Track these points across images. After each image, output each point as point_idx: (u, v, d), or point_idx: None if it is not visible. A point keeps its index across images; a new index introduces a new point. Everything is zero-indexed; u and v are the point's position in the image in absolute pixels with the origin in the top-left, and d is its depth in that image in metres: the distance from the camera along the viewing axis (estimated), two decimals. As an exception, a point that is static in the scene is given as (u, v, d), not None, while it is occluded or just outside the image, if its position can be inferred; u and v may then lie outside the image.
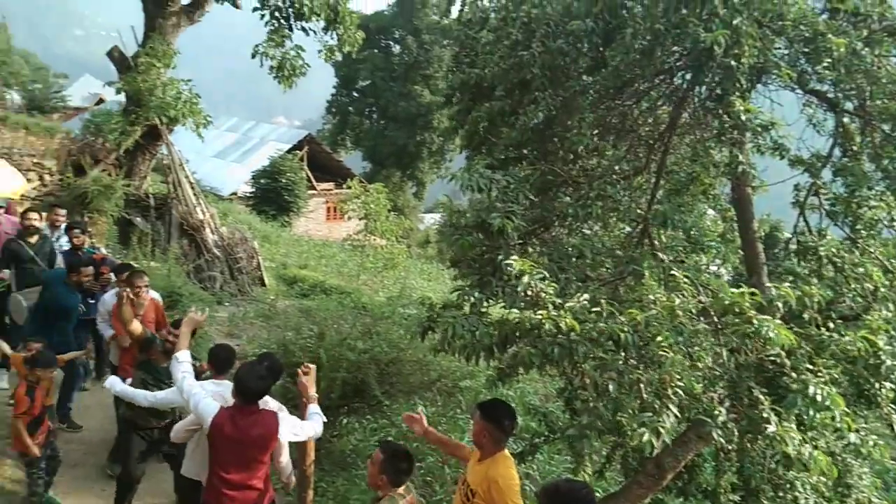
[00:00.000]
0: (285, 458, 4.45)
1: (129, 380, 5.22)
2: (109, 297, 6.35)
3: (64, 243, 7.69)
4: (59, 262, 7.11)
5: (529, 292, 3.47)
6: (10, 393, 5.91)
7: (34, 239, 7.01)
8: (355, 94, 47.42)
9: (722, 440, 3.87)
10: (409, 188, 46.03)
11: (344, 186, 28.87)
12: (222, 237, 14.55)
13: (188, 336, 4.42)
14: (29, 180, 12.52)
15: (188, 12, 14.99)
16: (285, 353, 7.12)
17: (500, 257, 3.81)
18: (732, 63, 4.05)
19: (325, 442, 6.34)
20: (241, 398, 3.90)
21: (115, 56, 14.35)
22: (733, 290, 3.95)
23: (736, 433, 3.93)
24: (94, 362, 7.73)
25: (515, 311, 3.50)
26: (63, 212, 8.25)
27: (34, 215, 7.20)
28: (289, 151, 32.19)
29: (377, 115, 47.24)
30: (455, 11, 9.98)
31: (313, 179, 33.66)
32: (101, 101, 36.54)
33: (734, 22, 4.02)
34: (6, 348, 5.82)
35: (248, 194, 30.97)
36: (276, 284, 16.38)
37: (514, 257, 3.55)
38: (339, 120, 47.83)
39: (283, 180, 29.24)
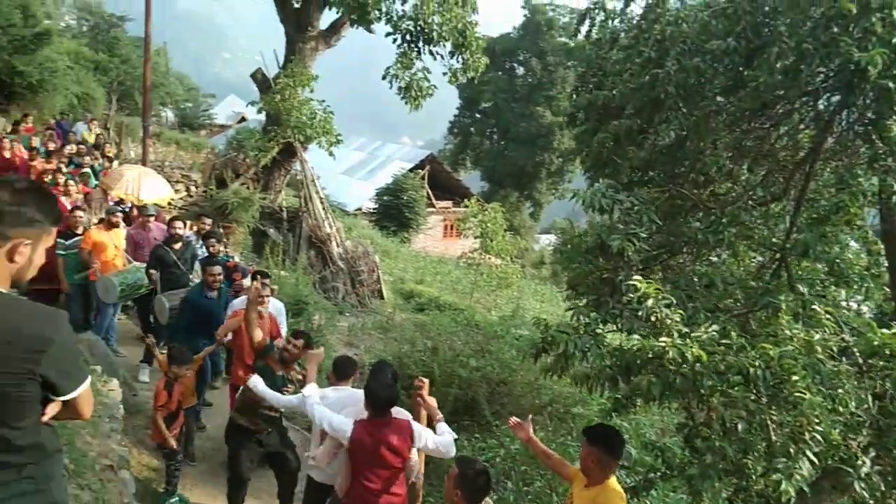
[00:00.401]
0: (414, 458, 4.53)
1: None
2: (239, 303, 6.53)
3: (203, 251, 8.30)
4: (196, 268, 7.61)
5: (653, 317, 3.33)
6: (151, 387, 6.39)
7: (178, 245, 7.55)
8: (477, 114, 48.25)
9: (865, 493, 3.51)
10: (525, 208, 45.97)
11: (462, 205, 29.34)
12: (346, 250, 15.18)
13: (314, 371, 4.63)
14: (177, 191, 13.80)
15: (325, 37, 15.94)
16: (400, 365, 7.29)
17: (619, 278, 3.69)
18: (889, 85, 3.72)
19: (432, 457, 6.40)
20: (373, 409, 4.05)
21: (258, 78, 15.52)
22: (884, 330, 3.60)
23: (882, 486, 3.56)
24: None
25: (636, 336, 3.37)
26: (209, 221, 8.87)
27: (179, 224, 7.76)
28: (411, 170, 33.22)
29: (498, 136, 47.75)
30: (584, 31, 9.85)
31: (433, 197, 34.45)
32: (243, 119, 39.54)
33: (894, 41, 3.71)
34: (155, 350, 6.22)
35: (371, 210, 32.23)
36: (394, 298, 16.85)
37: (638, 278, 3.42)
38: (461, 140, 48.79)
39: (405, 198, 30.21)
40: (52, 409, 1.87)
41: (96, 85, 24.14)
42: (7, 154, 10.72)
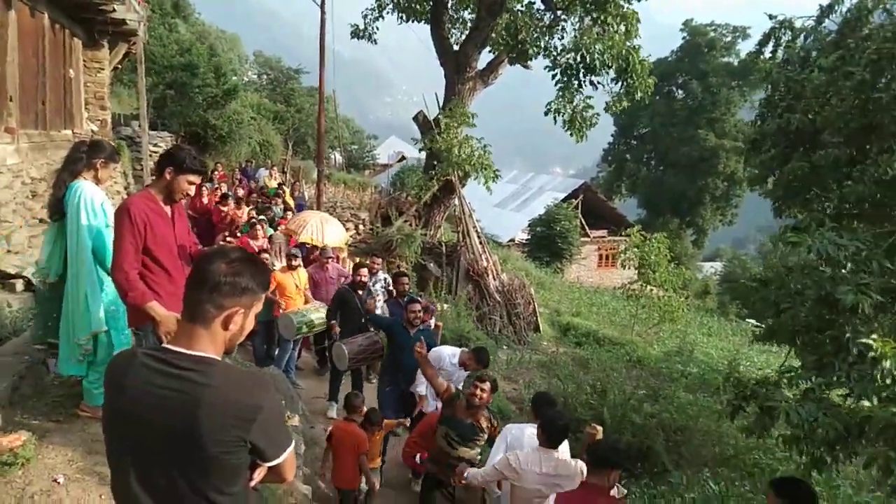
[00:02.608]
0: None
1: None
2: (448, 354, 6.39)
3: (378, 288, 8.59)
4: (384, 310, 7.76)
5: (888, 380, 2.86)
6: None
7: (361, 291, 7.73)
8: (633, 141, 46.84)
9: None
10: (687, 235, 43.52)
11: (620, 234, 28.36)
12: (503, 283, 15.18)
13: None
14: (347, 230, 14.63)
15: (483, 76, 16.30)
16: (565, 405, 7.03)
17: (846, 335, 3.22)
18: None
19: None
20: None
21: (420, 119, 16.16)
22: None
23: None
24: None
25: (866, 403, 2.91)
26: (379, 260, 9.22)
27: (365, 271, 7.97)
28: (564, 200, 32.83)
29: (655, 162, 45.97)
30: (768, 52, 9.14)
31: (587, 227, 33.73)
32: (402, 158, 41.51)
33: None
34: (390, 422, 6.04)
35: (524, 241, 32.17)
36: (550, 330, 16.53)
37: (874, 337, 2.96)
38: (616, 167, 47.55)
39: (558, 228, 29.81)
40: (259, 474, 1.92)
41: (275, 133, 26.55)
42: (205, 200, 12.00)
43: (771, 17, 5.77)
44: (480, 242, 15.60)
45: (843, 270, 3.31)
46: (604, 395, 7.04)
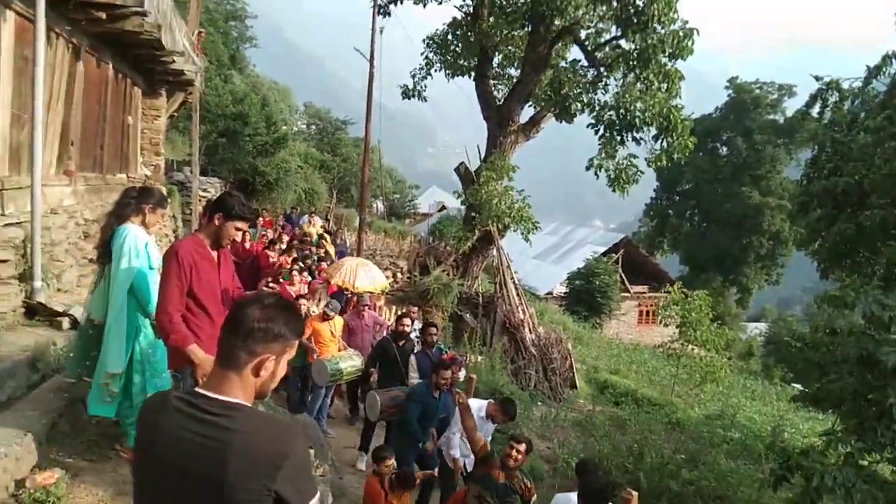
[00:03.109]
0: None
1: None
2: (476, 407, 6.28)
3: (413, 338, 8.54)
4: (412, 361, 7.71)
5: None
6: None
7: (402, 342, 7.74)
8: (676, 196, 46.46)
9: None
10: (731, 294, 42.46)
11: (661, 290, 27.83)
12: (539, 336, 15.01)
13: None
14: (386, 277, 14.77)
15: (525, 130, 16.55)
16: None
17: (890, 400, 3.09)
18: None
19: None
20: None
21: (461, 171, 16.40)
22: None
23: None
24: None
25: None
26: (415, 309, 9.25)
27: (408, 321, 8.00)
28: (604, 254, 32.53)
29: (699, 218, 45.40)
30: (815, 111, 9.13)
31: (627, 282, 33.26)
32: (443, 208, 41.96)
33: None
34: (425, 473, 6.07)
35: (562, 294, 31.85)
36: (587, 388, 16.18)
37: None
38: (658, 223, 47.08)
39: (597, 282, 29.43)
40: None
41: (320, 181, 27.23)
42: (247, 245, 12.30)
43: (817, 78, 5.75)
44: (518, 294, 15.53)
45: (890, 333, 3.18)
46: (640, 458, 6.81)
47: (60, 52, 7.16)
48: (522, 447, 4.87)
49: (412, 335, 8.48)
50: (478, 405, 6.37)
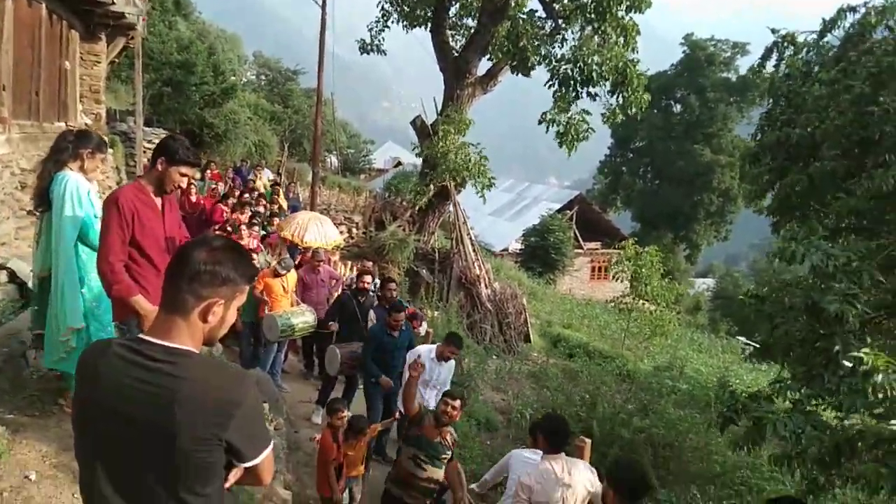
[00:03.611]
0: None
1: None
2: (425, 351, 6.45)
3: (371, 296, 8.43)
4: (371, 316, 7.69)
5: (881, 394, 2.80)
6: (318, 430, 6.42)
7: (363, 298, 7.70)
8: (630, 153, 47.00)
9: None
10: (681, 250, 43.59)
11: (614, 247, 28.33)
12: (495, 292, 15.13)
13: None
14: (340, 232, 14.54)
15: (482, 83, 16.30)
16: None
17: (836, 348, 3.17)
18: None
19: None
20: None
21: (417, 124, 16.12)
22: None
23: None
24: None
25: (857, 417, 2.85)
26: (369, 263, 9.15)
27: (368, 278, 7.92)
28: (559, 211, 32.82)
29: (651, 175, 46.12)
30: (770, 66, 9.22)
31: (580, 238, 33.74)
32: (399, 163, 41.47)
33: None
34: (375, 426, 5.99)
35: (517, 251, 32.13)
36: (541, 341, 16.46)
37: (865, 350, 2.91)
38: (612, 180, 47.70)
39: (552, 239, 29.75)
40: (235, 475, 1.81)
41: (271, 134, 26.45)
42: (193, 198, 11.88)
43: (773, 31, 5.76)
44: (474, 250, 15.56)
45: (835, 283, 3.26)
46: (593, 408, 6.96)
47: (-17, -14, 6.63)
48: (457, 403, 4.90)
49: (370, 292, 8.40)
50: (427, 349, 6.51)
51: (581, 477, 4.12)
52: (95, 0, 8.82)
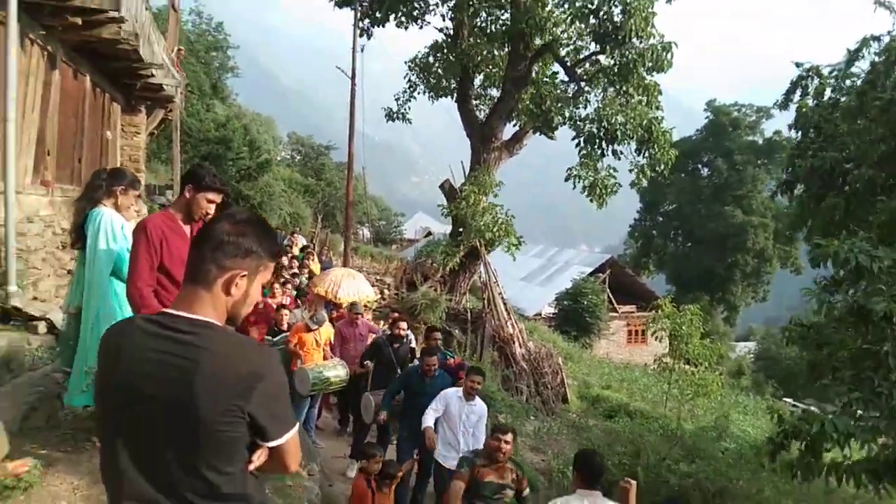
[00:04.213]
0: None
1: None
2: (452, 393, 6.32)
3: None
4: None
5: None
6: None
7: (397, 345, 7.72)
8: (660, 217, 46.87)
9: None
10: (718, 312, 42.57)
11: (648, 309, 27.78)
12: (529, 351, 14.85)
13: None
14: (374, 300, 14.59)
15: (508, 146, 16.63)
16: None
17: (885, 348, 3.01)
18: None
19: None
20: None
21: (446, 188, 16.40)
22: None
23: None
24: None
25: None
26: (404, 325, 8.86)
27: (404, 325, 7.97)
28: (591, 275, 32.52)
29: (682, 238, 45.74)
30: (795, 100, 9.30)
31: (614, 302, 33.24)
32: (429, 233, 42.00)
33: None
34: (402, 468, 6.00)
35: (550, 315, 31.71)
36: (579, 402, 15.97)
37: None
38: (642, 244, 47.42)
39: (585, 302, 29.34)
40: (259, 455, 1.74)
41: (305, 206, 27.18)
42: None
43: (798, 64, 5.80)
44: (507, 310, 15.41)
45: (880, 284, 3.12)
46: (638, 455, 6.64)
47: (35, 59, 7.08)
48: (509, 437, 4.82)
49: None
50: (454, 389, 6.35)
51: None
52: (136, 73, 9.32)
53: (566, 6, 14.65)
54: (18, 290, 5.99)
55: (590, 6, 14.12)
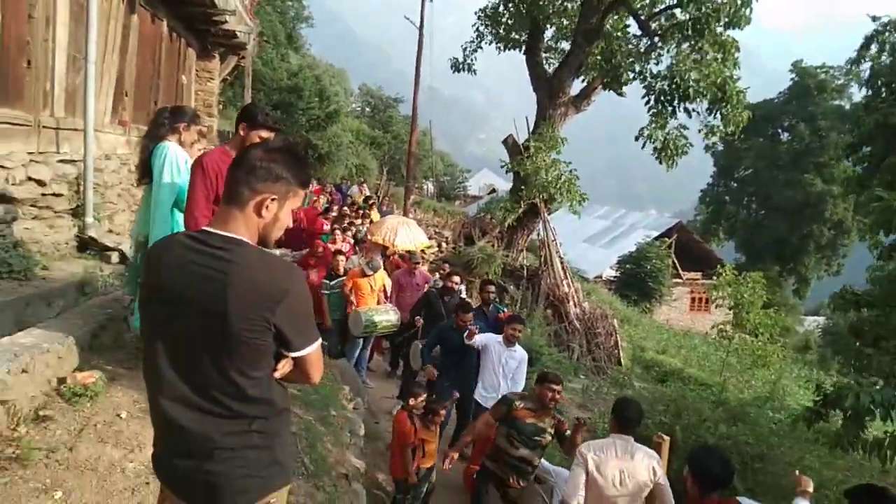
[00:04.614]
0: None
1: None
2: (489, 338, 6.55)
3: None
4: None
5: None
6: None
7: (449, 298, 7.87)
8: (734, 183, 44.94)
9: None
10: (788, 284, 40.88)
11: (713, 276, 27.05)
12: (584, 311, 14.83)
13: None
14: (429, 245, 14.82)
15: (575, 102, 16.29)
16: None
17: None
18: None
19: None
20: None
21: (509, 143, 16.29)
22: None
23: None
24: None
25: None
26: (457, 278, 8.83)
27: (456, 278, 8.15)
28: (657, 238, 31.76)
29: (756, 205, 43.79)
30: (871, 53, 8.68)
31: (679, 267, 32.44)
32: (493, 190, 41.81)
33: None
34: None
35: (611, 278, 31.31)
36: (632, 365, 15.89)
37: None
38: (713, 209, 45.69)
39: (648, 266, 28.75)
40: (284, 365, 1.92)
41: (371, 158, 27.48)
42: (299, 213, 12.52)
43: (874, 18, 5.40)
44: (563, 269, 15.37)
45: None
46: (678, 415, 6.65)
47: (115, 3, 7.40)
48: (558, 386, 4.94)
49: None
50: (494, 335, 6.55)
51: (642, 462, 4.04)
52: (210, 19, 9.60)
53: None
54: (95, 222, 6.45)
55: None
